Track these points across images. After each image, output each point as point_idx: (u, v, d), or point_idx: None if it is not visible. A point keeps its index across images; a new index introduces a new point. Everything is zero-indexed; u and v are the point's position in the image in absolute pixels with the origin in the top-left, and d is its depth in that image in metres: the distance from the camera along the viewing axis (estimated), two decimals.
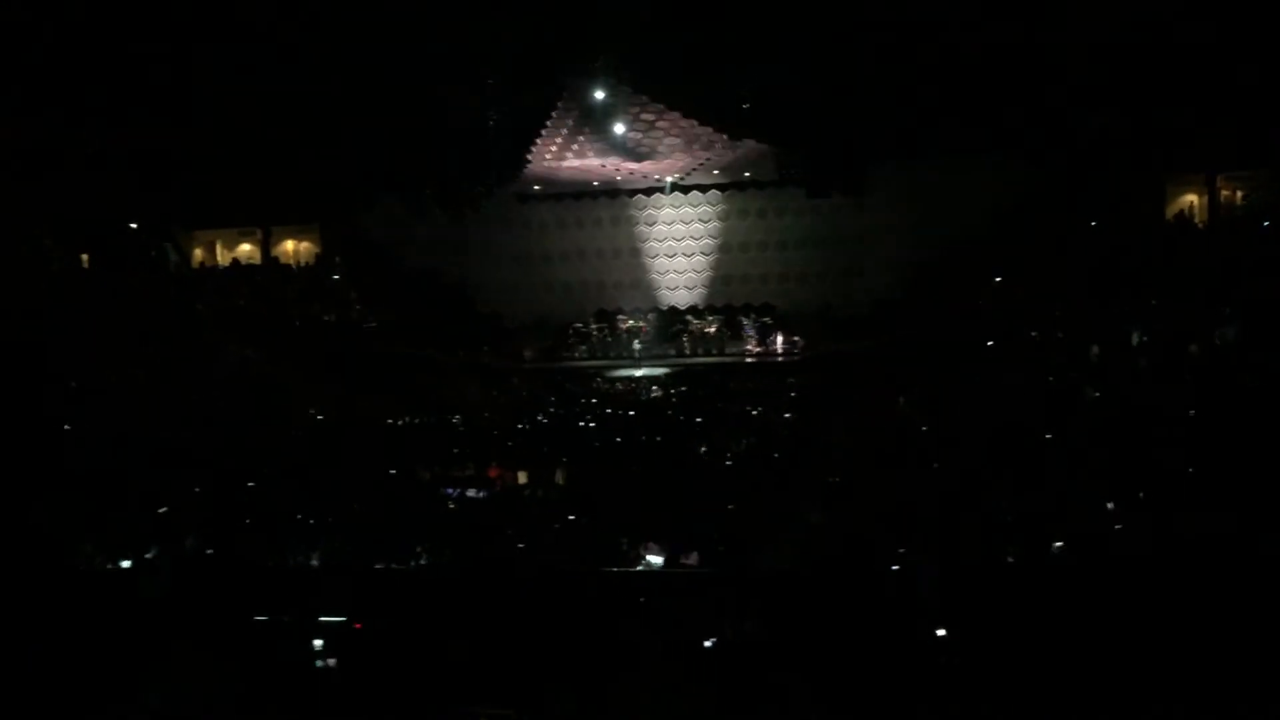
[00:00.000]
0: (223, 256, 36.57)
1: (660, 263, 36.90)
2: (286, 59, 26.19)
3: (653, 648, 4.84)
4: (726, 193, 36.15)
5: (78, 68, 25.84)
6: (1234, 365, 17.00)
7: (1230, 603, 4.30)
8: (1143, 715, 3.77)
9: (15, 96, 25.62)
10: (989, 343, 25.27)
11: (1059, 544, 9.01)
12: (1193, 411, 14.68)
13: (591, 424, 20.89)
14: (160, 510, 12.55)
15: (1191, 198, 30.17)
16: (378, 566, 9.15)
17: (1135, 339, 20.73)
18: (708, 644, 5.15)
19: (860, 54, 24.94)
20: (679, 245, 36.74)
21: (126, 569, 9.28)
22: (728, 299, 36.18)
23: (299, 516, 12.42)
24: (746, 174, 34.60)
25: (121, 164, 29.64)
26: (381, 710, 4.65)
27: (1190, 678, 3.75)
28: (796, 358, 31.15)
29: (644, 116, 28.32)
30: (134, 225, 32.08)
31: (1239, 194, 29.19)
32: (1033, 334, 24.65)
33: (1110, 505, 10.35)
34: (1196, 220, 29.25)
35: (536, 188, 35.48)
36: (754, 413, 21.67)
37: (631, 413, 22.36)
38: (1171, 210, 30.01)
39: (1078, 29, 24.35)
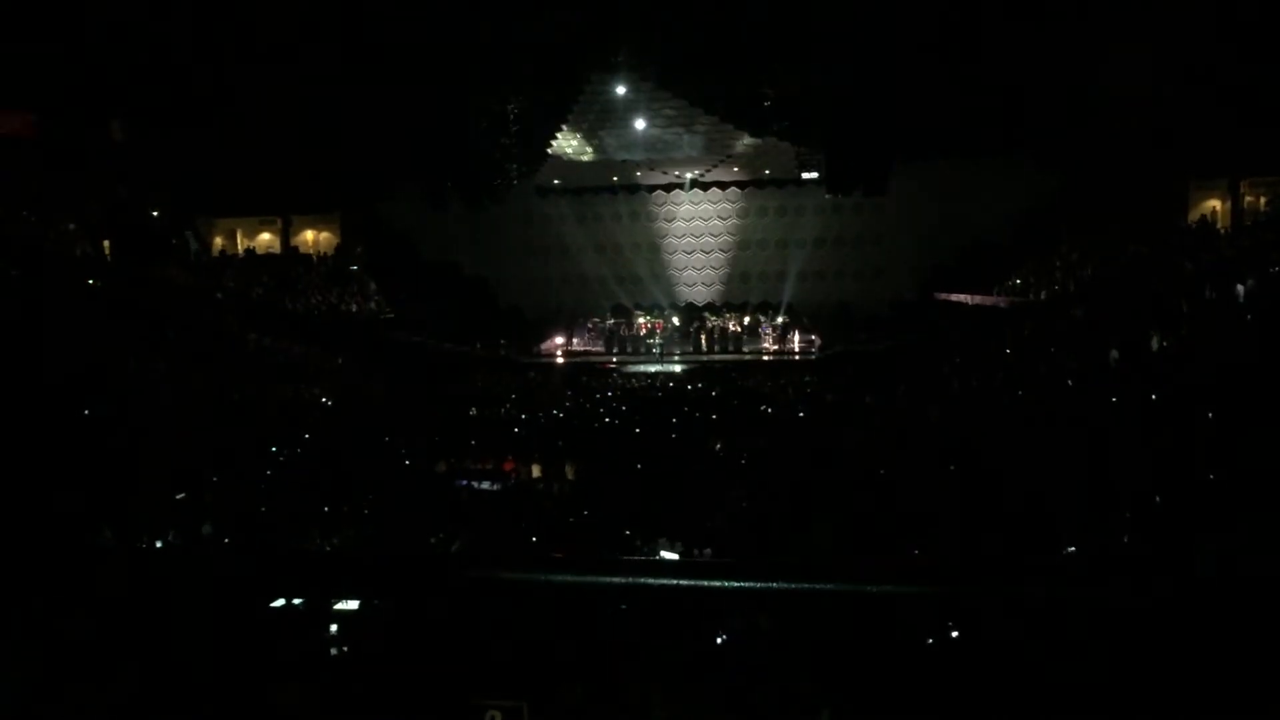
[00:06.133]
0: (243, 245, 36.75)
1: (679, 259, 36.88)
2: (310, 52, 26.24)
3: (663, 642, 4.83)
4: (746, 190, 36.12)
5: (102, 62, 25.97)
6: (1253, 372, 16.86)
7: (1246, 614, 4.27)
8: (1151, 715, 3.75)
9: (43, 90, 25.80)
10: (1006, 349, 25.15)
11: (1071, 549, 8.96)
12: (1211, 415, 14.56)
13: (607, 419, 20.88)
14: (178, 496, 12.63)
15: (1215, 202, 29.99)
16: (391, 555, 9.17)
17: (1155, 344, 20.59)
18: (719, 639, 5.15)
19: (884, 55, 24.85)
20: (698, 242, 36.71)
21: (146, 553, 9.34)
22: (745, 296, 36.15)
23: (313, 504, 12.47)
24: (767, 171, 34.53)
25: (144, 152, 29.83)
26: (390, 701, 4.66)
27: (1202, 687, 3.72)
28: (814, 356, 31.09)
29: (665, 112, 28.30)
30: (155, 213, 32.25)
31: (1263, 199, 28.99)
32: (1050, 338, 24.50)
33: (1127, 515, 10.29)
34: (1219, 225, 29.06)
35: (556, 181, 35.53)
36: (770, 411, 21.63)
37: (647, 408, 22.33)
38: (1194, 214, 29.84)
39: (1103, 33, 24.20)
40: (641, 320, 34.59)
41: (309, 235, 37.27)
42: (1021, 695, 4.00)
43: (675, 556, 9.69)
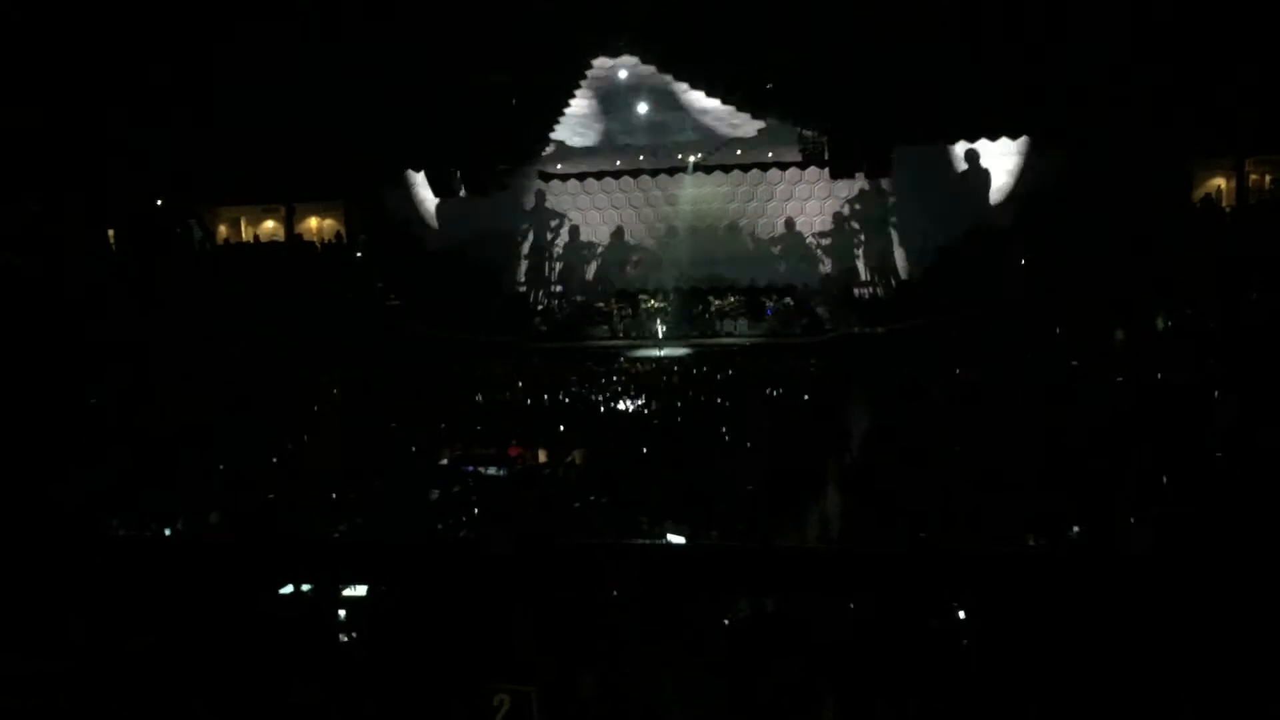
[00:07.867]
0: (246, 233, 36.72)
1: (682, 243, 36.76)
2: (312, 35, 26.15)
3: (672, 625, 4.86)
4: (749, 173, 35.95)
5: (104, 46, 25.91)
6: (1261, 351, 16.84)
7: (1246, 597, 4.28)
8: (1156, 710, 3.76)
9: (42, 78, 25.77)
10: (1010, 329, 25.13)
11: (1076, 529, 8.98)
12: (1218, 395, 14.57)
13: (612, 403, 20.91)
14: (185, 485, 12.68)
15: (1219, 181, 29.84)
16: (398, 541, 9.21)
17: (1160, 324, 20.59)
18: (726, 621, 5.18)
19: (887, 35, 24.71)
20: (701, 225, 36.57)
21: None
22: (750, 280, 36.05)
23: (320, 492, 12.52)
24: (770, 154, 34.40)
25: (146, 140, 29.80)
26: (401, 686, 4.69)
27: (1202, 674, 3.74)
28: (818, 340, 31.02)
29: (667, 95, 28.22)
30: (159, 202, 32.24)
31: (1268, 178, 28.86)
32: (1057, 320, 24.46)
33: (1129, 494, 10.29)
34: (1224, 204, 28.94)
35: (560, 166, 35.45)
36: (775, 394, 21.63)
37: (652, 392, 22.34)
38: (1198, 194, 29.69)
39: (1106, 11, 24.04)
40: (645, 304, 34.45)
41: (313, 223, 37.23)
42: (1023, 683, 4.01)
43: (682, 540, 9.72)
